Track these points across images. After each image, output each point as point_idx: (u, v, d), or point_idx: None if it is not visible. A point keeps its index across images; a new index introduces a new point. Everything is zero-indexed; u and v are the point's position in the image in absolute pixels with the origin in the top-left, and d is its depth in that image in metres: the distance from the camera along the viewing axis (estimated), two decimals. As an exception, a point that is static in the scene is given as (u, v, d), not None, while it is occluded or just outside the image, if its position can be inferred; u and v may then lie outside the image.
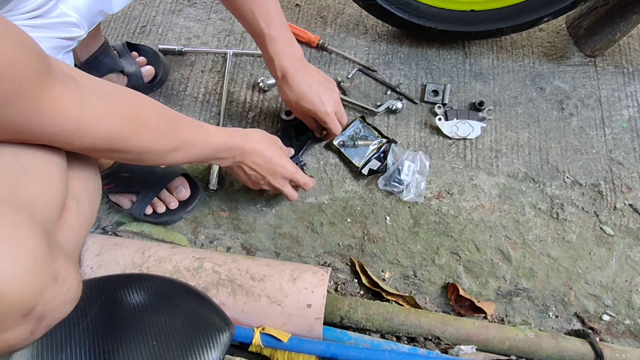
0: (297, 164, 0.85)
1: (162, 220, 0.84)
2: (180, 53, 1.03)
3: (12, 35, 0.35)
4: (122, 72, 0.91)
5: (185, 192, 0.85)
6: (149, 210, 0.83)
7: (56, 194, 0.42)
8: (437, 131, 0.91)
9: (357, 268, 0.80)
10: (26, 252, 0.33)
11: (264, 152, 0.69)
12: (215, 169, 0.88)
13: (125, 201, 0.83)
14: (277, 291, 0.66)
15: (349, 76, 0.98)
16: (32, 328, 0.35)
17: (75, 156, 0.49)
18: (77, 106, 0.41)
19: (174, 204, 0.84)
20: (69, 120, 0.41)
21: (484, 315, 0.76)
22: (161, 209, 0.83)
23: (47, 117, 0.39)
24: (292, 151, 0.84)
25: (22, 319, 0.33)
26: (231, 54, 1.01)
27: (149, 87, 0.97)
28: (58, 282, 0.36)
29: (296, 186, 0.78)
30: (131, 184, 0.81)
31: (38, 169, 0.41)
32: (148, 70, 0.96)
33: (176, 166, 0.86)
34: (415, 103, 0.95)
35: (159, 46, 1.03)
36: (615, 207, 0.84)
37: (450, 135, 0.90)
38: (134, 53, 0.97)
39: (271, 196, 0.87)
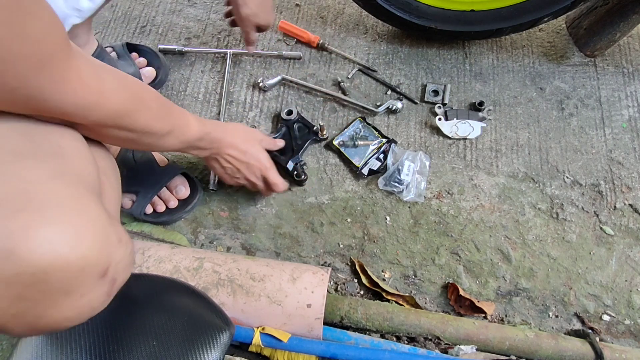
0: (296, 163, 0.85)
1: (162, 220, 0.84)
2: (180, 53, 1.03)
3: (47, 5, 0.36)
4: None
5: (185, 190, 0.85)
6: (149, 210, 0.83)
7: (94, 167, 0.44)
8: (437, 131, 0.91)
9: (357, 268, 0.80)
10: (94, 219, 0.36)
11: (240, 145, 0.72)
12: (215, 169, 0.88)
13: (126, 200, 0.83)
14: (277, 291, 0.66)
15: (349, 76, 0.98)
16: (108, 290, 0.38)
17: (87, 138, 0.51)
18: (97, 79, 0.43)
19: (173, 203, 0.84)
20: (90, 92, 0.42)
21: (484, 315, 0.76)
22: (161, 207, 0.84)
23: (71, 87, 0.40)
24: (276, 143, 0.84)
25: (99, 281, 0.36)
26: (231, 54, 1.01)
27: (149, 87, 0.97)
28: (122, 244, 0.39)
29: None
30: (131, 183, 0.81)
31: (71, 146, 0.43)
32: (148, 72, 0.96)
33: (175, 165, 0.86)
34: (415, 103, 0.95)
35: (159, 46, 1.03)
36: (615, 207, 0.84)
37: (450, 135, 0.90)
38: (134, 54, 0.97)
39: (271, 196, 0.87)
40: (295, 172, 0.85)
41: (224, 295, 0.66)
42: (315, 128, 0.90)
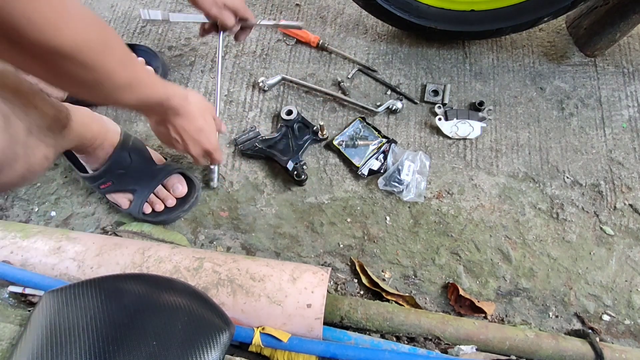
0: (296, 163, 0.85)
1: (161, 219, 0.84)
2: (165, 22, 0.93)
3: None
4: None
5: (182, 188, 0.85)
6: (147, 209, 0.83)
7: None
8: (437, 131, 0.91)
9: (357, 268, 0.80)
10: None
11: (196, 121, 0.70)
12: (216, 167, 0.88)
13: (124, 200, 0.83)
14: (277, 291, 0.66)
15: (349, 76, 0.98)
16: None
17: None
18: (73, 2, 0.43)
19: (171, 202, 0.84)
20: (63, 9, 0.41)
21: (484, 315, 0.76)
22: (159, 207, 0.84)
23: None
24: (221, 126, 0.83)
25: None
26: (223, 35, 0.93)
27: (149, 87, 0.96)
28: None
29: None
30: (127, 181, 0.81)
31: None
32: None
33: (172, 164, 0.86)
34: (415, 103, 0.95)
35: (142, 17, 0.91)
36: (615, 207, 0.84)
37: (450, 135, 0.90)
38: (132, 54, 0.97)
39: (271, 196, 0.87)
40: (295, 172, 0.85)
41: (224, 295, 0.66)
42: (315, 128, 0.90)
